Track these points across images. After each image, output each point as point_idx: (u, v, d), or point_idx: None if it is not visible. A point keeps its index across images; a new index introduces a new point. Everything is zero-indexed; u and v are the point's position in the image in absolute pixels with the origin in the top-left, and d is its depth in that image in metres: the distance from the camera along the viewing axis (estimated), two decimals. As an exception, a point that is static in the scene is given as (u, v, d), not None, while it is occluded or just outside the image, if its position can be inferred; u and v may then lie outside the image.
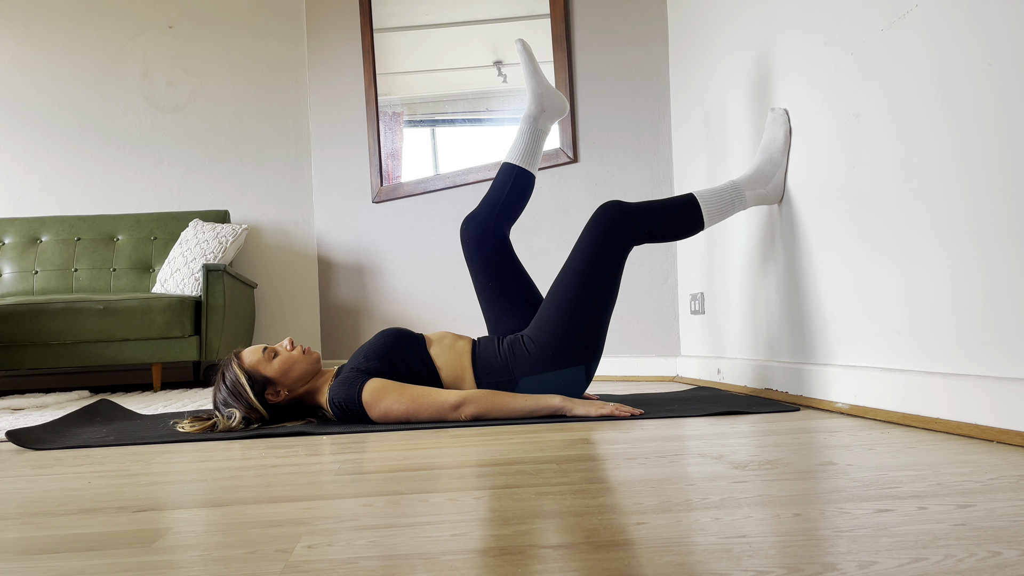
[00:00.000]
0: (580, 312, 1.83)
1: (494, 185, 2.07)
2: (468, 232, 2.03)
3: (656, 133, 3.06)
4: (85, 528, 0.90)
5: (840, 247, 1.75)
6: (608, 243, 1.83)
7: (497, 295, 2.00)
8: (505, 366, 1.86)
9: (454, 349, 1.90)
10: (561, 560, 0.69)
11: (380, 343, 1.86)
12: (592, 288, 1.83)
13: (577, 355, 1.85)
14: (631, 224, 1.84)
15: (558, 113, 2.14)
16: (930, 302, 1.44)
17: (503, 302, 1.99)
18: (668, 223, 1.89)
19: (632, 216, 1.85)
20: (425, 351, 1.89)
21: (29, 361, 3.49)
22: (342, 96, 4.25)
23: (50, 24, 4.34)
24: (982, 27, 1.29)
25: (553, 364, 1.84)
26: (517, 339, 1.89)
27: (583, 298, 1.83)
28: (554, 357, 1.84)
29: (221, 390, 1.78)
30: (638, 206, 1.87)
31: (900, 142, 1.52)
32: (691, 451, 1.26)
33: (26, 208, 4.31)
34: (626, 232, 1.84)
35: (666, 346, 3.05)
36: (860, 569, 0.64)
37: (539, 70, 2.12)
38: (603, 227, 1.84)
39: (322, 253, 4.37)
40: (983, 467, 1.03)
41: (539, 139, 2.10)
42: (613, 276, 1.85)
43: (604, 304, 1.86)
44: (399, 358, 1.84)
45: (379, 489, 1.05)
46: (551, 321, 1.85)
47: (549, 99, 2.11)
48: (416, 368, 1.85)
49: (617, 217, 1.84)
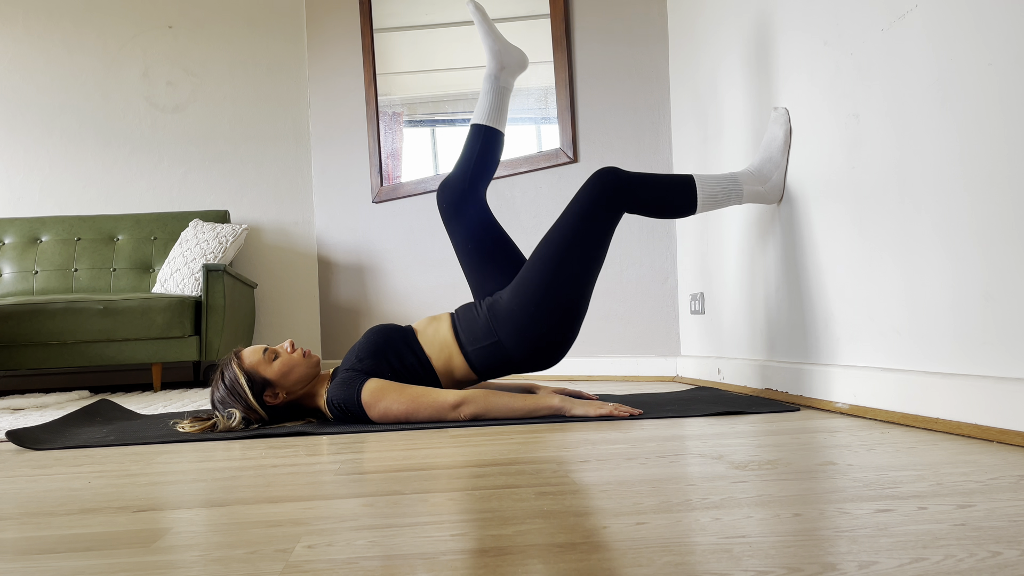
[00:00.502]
0: (566, 269, 1.82)
1: (465, 147, 2.06)
2: (444, 197, 2.02)
3: (656, 133, 3.06)
4: (85, 528, 0.90)
5: (840, 247, 1.75)
6: (599, 206, 1.83)
7: (478, 258, 1.99)
8: (488, 328, 1.85)
9: (438, 332, 1.90)
10: (561, 560, 0.69)
11: (370, 341, 1.86)
12: (580, 247, 1.82)
13: (559, 315, 1.83)
14: (626, 191, 1.84)
15: (519, 68, 2.12)
16: (930, 302, 1.44)
17: (485, 265, 1.99)
18: (661, 199, 1.89)
19: (627, 183, 1.84)
20: (415, 342, 1.89)
21: (29, 361, 3.49)
22: (342, 96, 4.25)
23: (50, 24, 4.34)
24: (982, 27, 1.29)
25: (536, 323, 1.82)
26: (497, 298, 1.88)
27: (570, 256, 1.82)
28: (536, 314, 1.82)
29: (219, 389, 1.78)
30: (635, 175, 1.87)
31: (900, 142, 1.52)
32: (691, 451, 1.26)
33: (26, 208, 4.31)
34: (619, 198, 1.83)
35: (666, 346, 3.05)
36: (860, 569, 0.64)
37: (494, 28, 2.11)
38: (597, 190, 1.84)
39: (322, 253, 4.37)
40: (983, 467, 1.03)
41: (503, 96, 2.09)
42: (601, 239, 1.85)
43: (590, 265, 1.85)
44: (391, 353, 1.84)
45: (379, 489, 1.05)
46: (536, 275, 1.83)
47: (507, 55, 2.10)
48: (408, 361, 1.85)
49: (611, 182, 1.84)
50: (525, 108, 3.52)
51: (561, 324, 1.84)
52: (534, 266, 1.85)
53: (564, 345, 1.89)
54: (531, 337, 1.84)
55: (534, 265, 1.85)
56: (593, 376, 3.20)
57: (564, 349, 1.90)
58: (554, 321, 1.83)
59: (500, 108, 2.08)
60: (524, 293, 1.84)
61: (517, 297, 1.84)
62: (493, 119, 2.07)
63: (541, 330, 1.83)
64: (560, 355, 1.91)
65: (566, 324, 1.85)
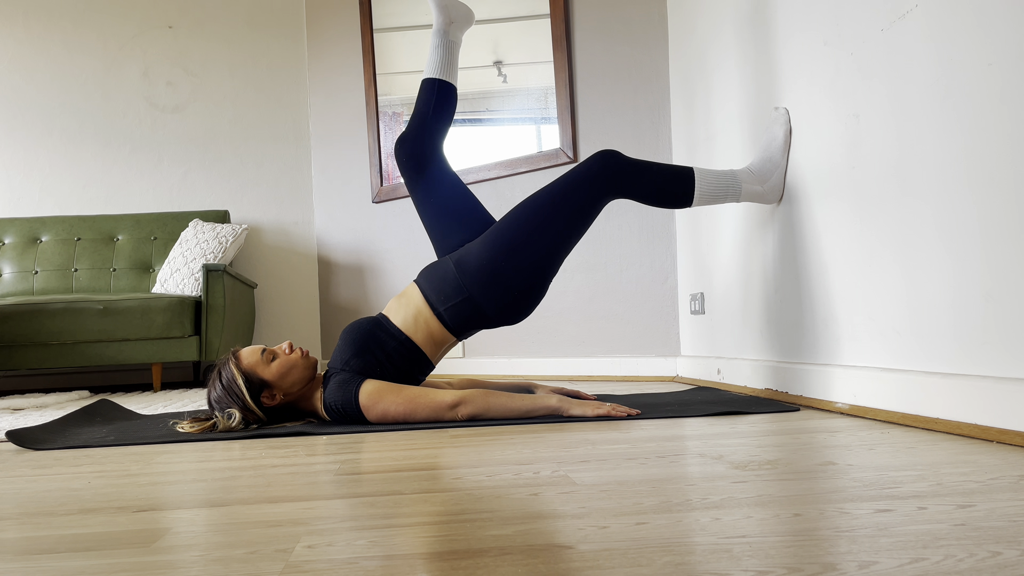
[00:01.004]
0: (545, 229, 1.84)
1: (419, 102, 2.06)
2: (404, 149, 2.01)
3: (656, 133, 3.06)
4: (85, 528, 0.90)
5: (840, 247, 1.75)
6: (594, 181, 1.85)
7: (438, 210, 1.99)
8: (458, 284, 1.85)
9: (407, 304, 1.90)
10: (561, 560, 0.69)
11: (350, 340, 1.85)
12: (564, 213, 1.84)
13: (528, 270, 1.84)
14: (623, 172, 1.86)
15: (465, 22, 2.12)
16: (931, 302, 1.44)
17: (445, 216, 1.99)
18: (658, 187, 1.90)
19: (626, 167, 1.86)
20: (391, 325, 1.88)
21: (29, 361, 3.49)
22: (342, 96, 4.25)
23: (50, 24, 4.34)
24: (982, 27, 1.29)
25: (505, 277, 1.83)
26: (465, 252, 1.88)
27: (554, 217, 1.84)
28: (506, 267, 1.83)
29: (216, 388, 1.78)
30: (635, 162, 1.88)
31: (900, 142, 1.52)
32: (691, 451, 1.26)
33: (26, 208, 4.31)
34: (614, 181, 1.85)
35: (666, 346, 3.05)
36: (860, 569, 0.64)
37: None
38: (596, 168, 1.86)
39: (322, 253, 4.37)
40: (983, 467, 1.03)
41: (453, 50, 2.09)
42: (586, 213, 1.86)
43: (569, 232, 1.86)
44: (373, 345, 1.83)
45: (379, 489, 1.05)
46: (511, 229, 1.85)
47: (455, 9, 2.10)
48: (390, 346, 1.84)
49: (611, 163, 1.86)
50: (525, 108, 3.53)
51: (530, 278, 1.85)
52: (512, 221, 1.86)
53: (533, 297, 1.89)
54: (500, 289, 1.84)
55: (512, 220, 1.86)
56: (593, 376, 3.20)
57: (533, 302, 1.90)
58: (524, 275, 1.84)
59: (450, 62, 2.08)
60: (496, 246, 1.84)
61: (489, 250, 1.84)
62: (445, 72, 2.07)
63: (511, 282, 1.83)
64: (529, 308, 1.91)
65: (536, 279, 1.86)
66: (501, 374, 3.52)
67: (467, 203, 2.00)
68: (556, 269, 1.90)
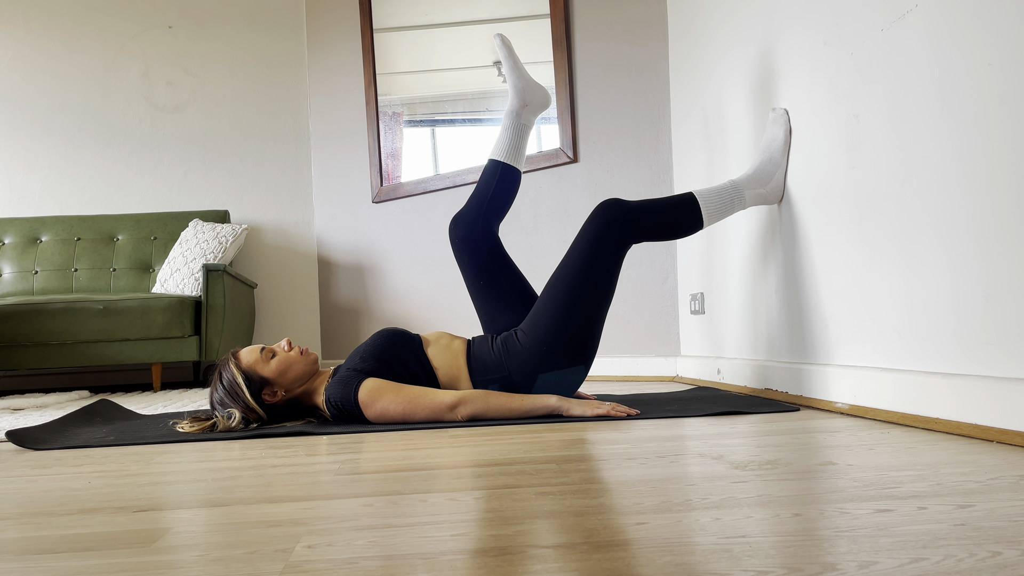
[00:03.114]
0: (576, 308, 1.83)
1: (480, 182, 2.06)
2: (457, 231, 2.02)
3: (656, 132, 3.06)
4: (85, 528, 0.90)
5: (840, 247, 1.75)
6: (606, 241, 1.83)
7: (490, 294, 2.00)
8: (499, 363, 1.86)
9: (450, 349, 1.90)
10: (561, 560, 0.69)
11: (377, 344, 1.86)
12: (589, 285, 1.83)
13: (571, 352, 1.84)
14: (630, 223, 1.84)
15: (540, 107, 2.12)
16: (930, 302, 1.44)
17: (496, 300, 1.99)
18: (667, 223, 1.89)
19: (631, 215, 1.84)
20: (422, 352, 1.88)
21: (29, 361, 3.49)
22: (342, 96, 4.25)
23: (50, 24, 4.34)
24: (982, 27, 1.29)
25: (547, 360, 1.83)
26: (511, 334, 1.89)
27: (579, 294, 1.83)
28: (548, 352, 1.83)
29: (218, 389, 1.78)
30: (637, 205, 1.87)
31: (900, 142, 1.52)
32: (691, 451, 1.26)
33: (26, 208, 4.31)
34: (624, 231, 1.84)
35: (666, 346, 3.05)
36: (860, 569, 0.64)
37: (520, 64, 2.12)
38: (601, 225, 1.84)
39: (322, 253, 4.37)
40: (983, 467, 1.03)
41: (523, 134, 2.10)
42: (610, 274, 1.85)
43: (600, 301, 1.86)
44: (395, 359, 1.84)
45: (379, 489, 1.05)
46: (546, 315, 1.84)
47: (531, 93, 2.10)
48: (413, 369, 1.85)
49: (616, 216, 1.84)
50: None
51: (572, 359, 1.85)
52: (545, 305, 1.86)
53: (571, 387, 1.89)
54: (541, 373, 1.85)
55: (545, 304, 1.86)
56: (593, 376, 3.20)
57: (571, 391, 1.90)
58: (566, 358, 1.84)
59: (519, 147, 2.08)
60: (536, 333, 1.85)
61: (529, 336, 1.85)
62: (512, 157, 2.07)
63: (552, 366, 1.84)
64: (582, 375, 1.90)
65: (578, 358, 1.85)
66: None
67: (516, 288, 2.00)
68: (597, 342, 1.89)
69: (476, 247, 2.00)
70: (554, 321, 1.83)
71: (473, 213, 2.02)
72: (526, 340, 1.85)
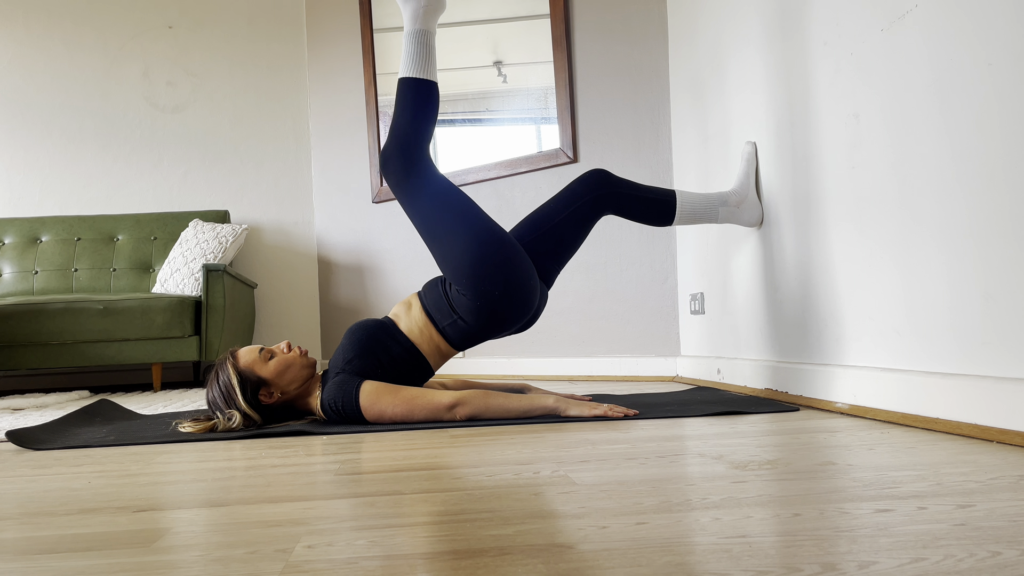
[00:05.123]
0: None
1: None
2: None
3: (656, 132, 3.06)
4: (85, 528, 0.90)
5: (840, 246, 1.75)
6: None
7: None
8: (447, 308, 1.85)
9: (412, 315, 1.89)
10: (561, 560, 0.69)
11: (356, 340, 1.84)
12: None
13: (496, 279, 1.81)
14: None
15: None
16: (930, 302, 1.44)
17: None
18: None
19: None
20: (398, 331, 1.87)
21: (29, 361, 3.49)
22: (342, 96, 4.25)
23: (50, 24, 4.34)
24: (981, 27, 1.29)
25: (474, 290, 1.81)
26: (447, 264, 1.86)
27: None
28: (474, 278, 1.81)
29: (214, 389, 1.78)
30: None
31: (900, 142, 1.52)
32: (691, 451, 1.26)
33: (26, 208, 4.31)
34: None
35: (666, 346, 3.05)
36: (860, 569, 0.64)
37: None
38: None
39: (322, 253, 4.37)
40: (983, 467, 1.03)
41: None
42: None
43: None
44: (379, 349, 1.83)
45: (379, 489, 1.05)
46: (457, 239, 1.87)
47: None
48: (395, 352, 1.84)
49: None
50: (525, 108, 3.52)
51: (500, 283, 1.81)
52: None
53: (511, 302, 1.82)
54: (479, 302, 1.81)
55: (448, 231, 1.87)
56: (593, 376, 3.20)
57: (515, 307, 1.83)
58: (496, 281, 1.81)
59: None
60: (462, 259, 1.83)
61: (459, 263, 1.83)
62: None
63: (484, 287, 1.80)
64: (514, 314, 1.84)
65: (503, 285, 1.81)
66: (501, 374, 3.51)
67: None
68: (525, 272, 1.83)
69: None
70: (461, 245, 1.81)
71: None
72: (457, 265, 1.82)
